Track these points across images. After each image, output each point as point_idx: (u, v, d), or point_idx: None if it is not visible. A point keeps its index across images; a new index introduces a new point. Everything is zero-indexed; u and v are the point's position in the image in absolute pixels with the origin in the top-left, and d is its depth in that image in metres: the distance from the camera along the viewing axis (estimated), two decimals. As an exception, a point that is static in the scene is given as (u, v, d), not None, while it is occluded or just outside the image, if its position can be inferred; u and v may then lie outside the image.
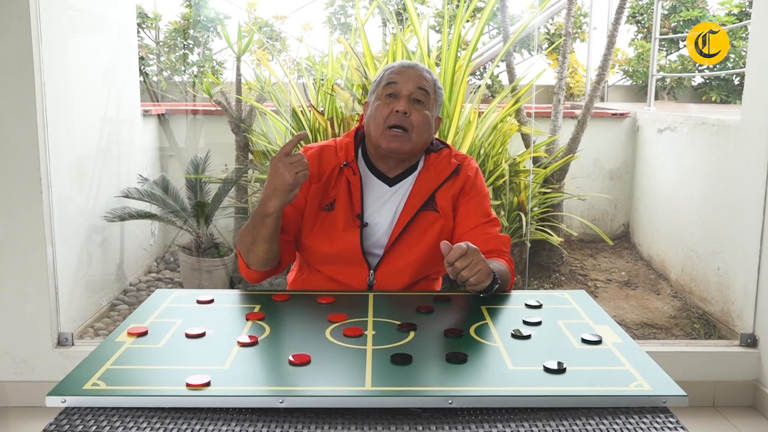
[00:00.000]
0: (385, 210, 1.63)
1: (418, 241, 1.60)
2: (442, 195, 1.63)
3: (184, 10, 4.66)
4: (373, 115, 1.60)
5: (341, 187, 1.62)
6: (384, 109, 1.58)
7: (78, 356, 2.55)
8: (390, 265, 1.60)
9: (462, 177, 1.66)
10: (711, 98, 5.48)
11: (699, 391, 2.62)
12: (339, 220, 1.59)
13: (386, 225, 1.62)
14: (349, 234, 1.59)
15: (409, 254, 1.60)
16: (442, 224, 1.62)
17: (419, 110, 1.59)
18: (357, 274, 1.60)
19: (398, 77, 1.60)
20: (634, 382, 1.06)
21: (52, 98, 2.57)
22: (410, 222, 1.60)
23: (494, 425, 0.96)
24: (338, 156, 1.64)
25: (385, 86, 1.60)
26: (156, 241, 4.07)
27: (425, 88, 1.60)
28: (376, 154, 1.64)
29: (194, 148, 4.10)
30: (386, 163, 1.64)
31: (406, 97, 1.58)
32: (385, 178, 1.65)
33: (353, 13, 4.88)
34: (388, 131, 1.57)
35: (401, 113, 1.56)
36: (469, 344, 1.19)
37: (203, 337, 1.21)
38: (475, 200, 1.65)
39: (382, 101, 1.60)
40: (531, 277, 3.78)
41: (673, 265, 3.74)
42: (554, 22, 5.25)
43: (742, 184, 2.80)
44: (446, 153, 1.69)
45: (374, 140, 1.60)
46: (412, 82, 1.59)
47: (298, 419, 0.98)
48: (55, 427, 0.96)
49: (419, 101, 1.59)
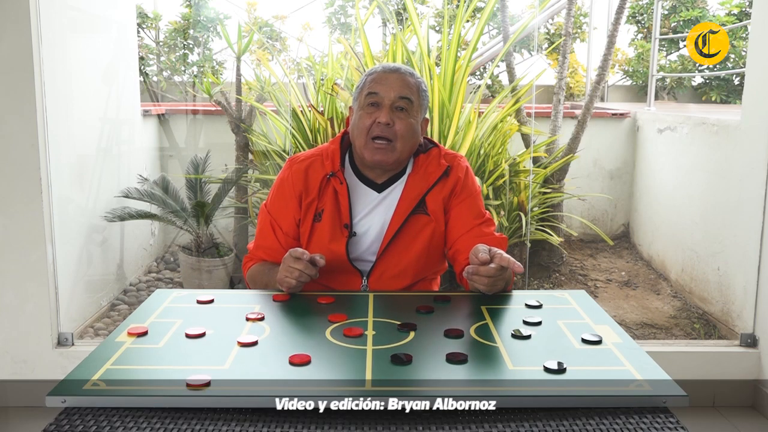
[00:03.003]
0: (375, 216, 1.61)
1: (410, 246, 1.59)
2: (433, 198, 1.61)
3: (184, 10, 4.66)
4: (357, 125, 1.57)
5: (328, 197, 1.60)
6: (366, 119, 1.55)
7: (78, 356, 2.55)
8: (383, 271, 1.59)
9: (452, 179, 1.63)
10: (711, 98, 5.48)
11: (699, 391, 2.62)
12: (326, 231, 1.58)
13: (377, 231, 1.60)
14: (335, 245, 1.57)
15: (401, 259, 1.59)
16: (433, 227, 1.61)
17: (403, 118, 1.55)
18: (350, 282, 1.60)
19: (379, 87, 1.56)
20: (634, 382, 1.06)
21: (52, 98, 2.56)
22: (401, 227, 1.59)
23: (494, 425, 0.96)
24: (324, 166, 1.61)
25: (367, 95, 1.57)
26: (156, 241, 4.07)
27: (407, 96, 1.56)
28: (362, 163, 1.62)
29: (194, 148, 4.10)
30: (373, 171, 1.62)
31: (388, 107, 1.54)
32: (374, 184, 1.62)
33: (353, 13, 4.88)
34: (371, 143, 1.55)
35: (383, 124, 1.53)
36: (469, 344, 1.19)
37: (203, 337, 1.21)
38: (467, 201, 1.63)
39: (364, 111, 1.57)
40: (531, 277, 3.78)
41: (673, 265, 3.74)
42: (554, 22, 5.25)
43: (742, 184, 2.80)
44: (435, 153, 1.65)
45: (359, 151, 1.58)
46: (393, 91, 1.55)
47: (298, 419, 0.97)
48: (55, 427, 0.96)
49: (402, 109, 1.55)
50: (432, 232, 1.60)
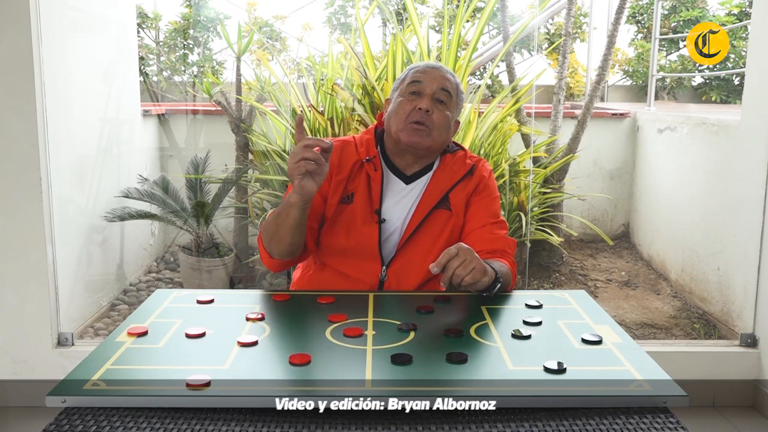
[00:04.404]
0: (400, 207, 1.65)
1: (432, 240, 1.62)
2: (456, 194, 1.65)
3: (184, 10, 4.66)
4: (396, 111, 1.63)
5: (361, 181, 1.64)
6: (407, 105, 1.61)
7: (78, 356, 2.55)
8: (403, 262, 1.61)
9: (476, 177, 1.68)
10: (711, 98, 5.48)
11: (699, 391, 2.62)
12: (358, 213, 1.61)
13: (399, 222, 1.64)
14: (368, 228, 1.60)
15: (421, 253, 1.61)
16: (454, 223, 1.64)
17: (441, 110, 1.61)
18: (370, 269, 1.60)
19: (423, 76, 1.63)
20: (634, 382, 1.06)
21: (52, 98, 2.56)
22: (424, 220, 1.62)
23: (494, 425, 0.96)
24: (358, 152, 1.66)
25: (410, 84, 1.63)
26: (156, 241, 4.07)
27: (448, 90, 1.63)
28: (395, 149, 1.66)
29: (194, 148, 4.10)
30: (404, 158, 1.66)
31: (429, 96, 1.61)
32: (402, 175, 1.67)
33: (353, 13, 4.88)
34: (410, 125, 1.60)
35: (423, 111, 1.59)
36: (469, 344, 1.19)
37: (203, 337, 1.21)
38: (486, 200, 1.67)
39: (405, 98, 1.62)
40: (531, 277, 3.78)
41: (673, 265, 3.74)
42: (554, 22, 5.25)
43: (742, 184, 2.80)
44: (461, 155, 1.71)
45: (394, 134, 1.62)
46: (436, 83, 1.62)
47: (298, 419, 0.98)
48: (55, 427, 0.96)
49: (441, 101, 1.62)
50: (453, 228, 1.64)
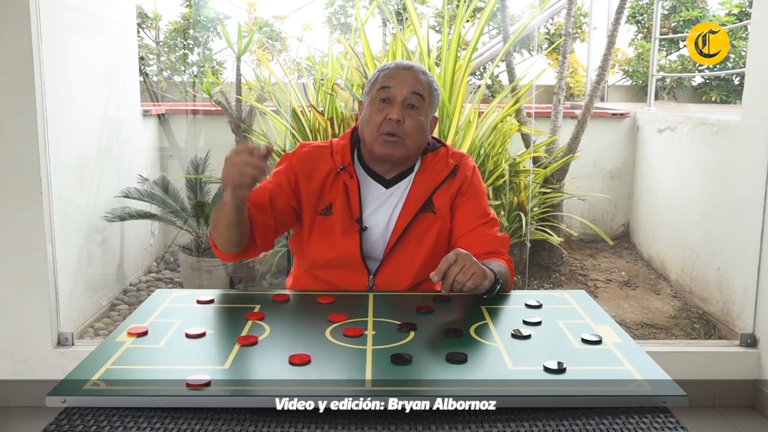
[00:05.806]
0: (382, 212, 1.61)
1: (418, 245, 1.60)
2: (440, 196, 1.62)
3: (184, 10, 4.66)
4: (367, 120, 1.59)
5: (338, 191, 1.60)
6: (377, 115, 1.56)
7: (78, 356, 2.54)
8: (389, 269, 1.59)
9: (459, 177, 1.64)
10: (711, 98, 5.48)
11: (699, 391, 2.62)
12: (337, 224, 1.58)
13: (382, 228, 1.61)
14: (348, 239, 1.58)
15: (408, 258, 1.59)
16: (439, 226, 1.61)
17: (413, 116, 1.57)
18: (356, 279, 1.59)
19: (392, 81, 1.57)
20: (634, 382, 1.06)
21: (52, 98, 2.56)
22: (408, 225, 1.59)
23: (494, 425, 0.96)
24: (334, 159, 1.62)
25: (379, 90, 1.58)
26: (156, 241, 4.07)
27: (420, 93, 1.57)
28: (371, 157, 1.63)
29: (194, 148, 4.10)
30: (382, 165, 1.63)
31: (400, 104, 1.56)
32: (382, 179, 1.63)
33: (353, 13, 4.88)
34: (381, 137, 1.56)
35: (395, 121, 1.55)
36: (469, 344, 1.19)
37: (203, 337, 1.21)
38: (472, 200, 1.64)
39: (375, 107, 1.58)
40: (531, 277, 3.78)
41: (673, 265, 3.74)
42: (554, 22, 5.25)
43: (742, 184, 2.80)
44: (443, 152, 1.67)
45: (368, 145, 1.60)
46: (406, 87, 1.56)
47: (298, 419, 0.98)
48: (55, 427, 0.96)
49: (413, 106, 1.57)
50: (438, 231, 1.61)
